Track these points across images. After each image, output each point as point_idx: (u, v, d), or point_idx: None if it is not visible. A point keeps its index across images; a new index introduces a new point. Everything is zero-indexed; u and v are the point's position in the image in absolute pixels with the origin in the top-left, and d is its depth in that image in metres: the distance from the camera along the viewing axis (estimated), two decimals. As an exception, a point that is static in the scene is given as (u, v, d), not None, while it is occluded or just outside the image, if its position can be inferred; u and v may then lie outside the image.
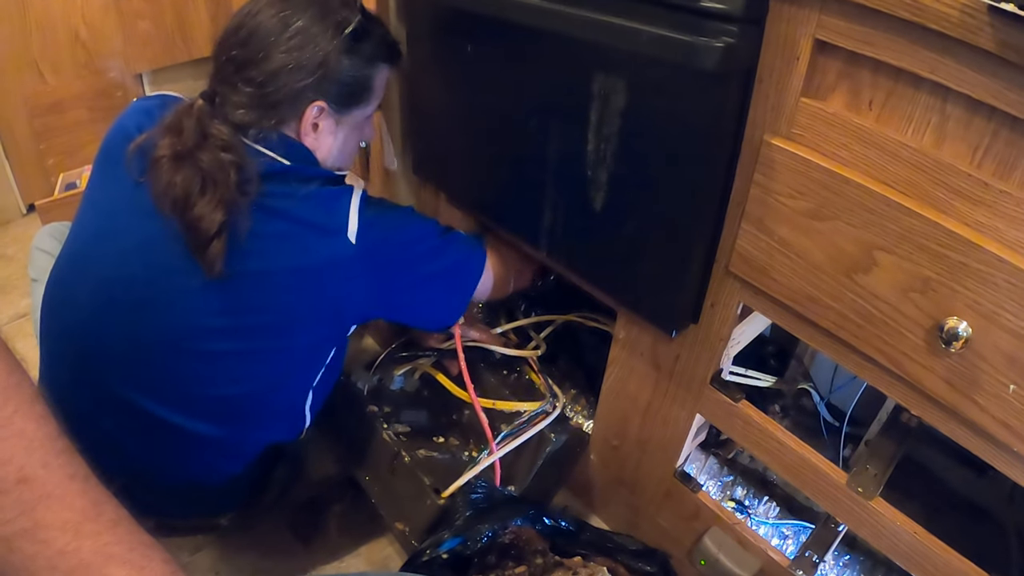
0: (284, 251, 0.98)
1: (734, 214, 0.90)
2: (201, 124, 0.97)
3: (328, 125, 1.06)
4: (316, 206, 1.00)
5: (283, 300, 1.00)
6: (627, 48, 0.84)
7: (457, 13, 1.09)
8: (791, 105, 0.79)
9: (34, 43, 1.98)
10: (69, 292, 1.06)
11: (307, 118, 1.02)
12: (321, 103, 1.02)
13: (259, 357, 1.03)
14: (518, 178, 1.13)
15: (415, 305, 1.14)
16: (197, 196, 0.93)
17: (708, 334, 1.02)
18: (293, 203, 0.99)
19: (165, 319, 0.99)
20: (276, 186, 0.98)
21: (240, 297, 0.98)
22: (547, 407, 1.28)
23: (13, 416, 0.54)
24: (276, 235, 0.98)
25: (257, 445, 1.15)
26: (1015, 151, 0.66)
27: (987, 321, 0.70)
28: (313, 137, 1.05)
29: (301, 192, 1.00)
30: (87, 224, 1.08)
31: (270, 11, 0.99)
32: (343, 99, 1.06)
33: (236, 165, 0.95)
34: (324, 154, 1.08)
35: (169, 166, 0.95)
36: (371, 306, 1.08)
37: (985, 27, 0.61)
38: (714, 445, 1.29)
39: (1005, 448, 0.75)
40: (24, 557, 0.52)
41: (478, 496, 1.12)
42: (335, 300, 1.03)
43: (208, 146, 0.95)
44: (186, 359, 1.01)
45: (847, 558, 1.15)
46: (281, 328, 1.02)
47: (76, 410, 1.03)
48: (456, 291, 1.18)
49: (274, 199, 0.98)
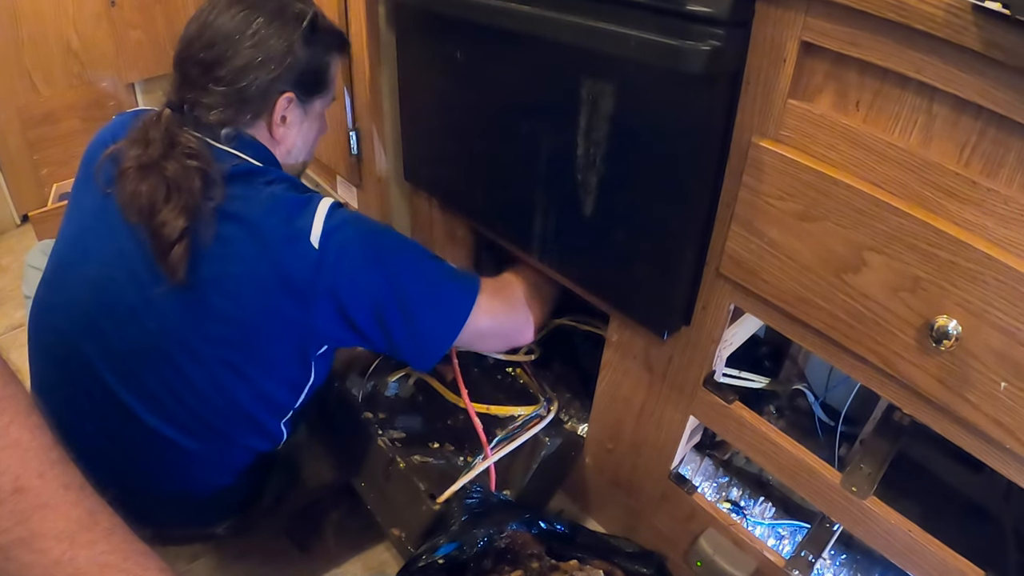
0: (244, 255, 0.96)
1: (724, 216, 0.91)
2: (168, 133, 0.97)
3: (295, 116, 1.08)
4: (279, 208, 0.98)
5: (245, 306, 0.97)
6: (615, 52, 0.84)
7: (446, 20, 1.10)
8: (778, 107, 0.80)
9: (26, 54, 1.99)
10: (50, 304, 1.07)
11: (277, 110, 1.04)
12: (290, 94, 1.04)
13: (227, 369, 1.01)
14: (509, 183, 1.13)
15: (389, 327, 1.03)
16: (162, 204, 0.94)
17: (700, 336, 1.02)
18: (255, 206, 0.97)
19: (138, 328, 0.99)
20: (239, 188, 0.98)
21: (205, 305, 0.97)
22: (541, 411, 1.28)
23: (8, 427, 0.54)
24: (236, 239, 0.96)
25: (239, 457, 1.14)
26: (1002, 149, 0.66)
27: (977, 319, 0.70)
28: (282, 130, 1.07)
29: (264, 193, 0.99)
30: (65, 237, 1.09)
31: (229, 12, 1.00)
32: (307, 88, 1.08)
33: (201, 171, 0.95)
34: (289, 145, 1.10)
35: (135, 176, 0.96)
36: (338, 322, 1.01)
37: (970, 26, 0.61)
38: (709, 447, 1.29)
39: (997, 445, 0.75)
40: (20, 567, 0.53)
41: (473, 501, 1.12)
42: (299, 310, 0.98)
43: (175, 154, 0.96)
44: (160, 369, 1.00)
45: (843, 557, 1.15)
46: (246, 338, 1.00)
47: (67, 420, 1.03)
48: (439, 318, 1.08)
49: (237, 202, 0.97)
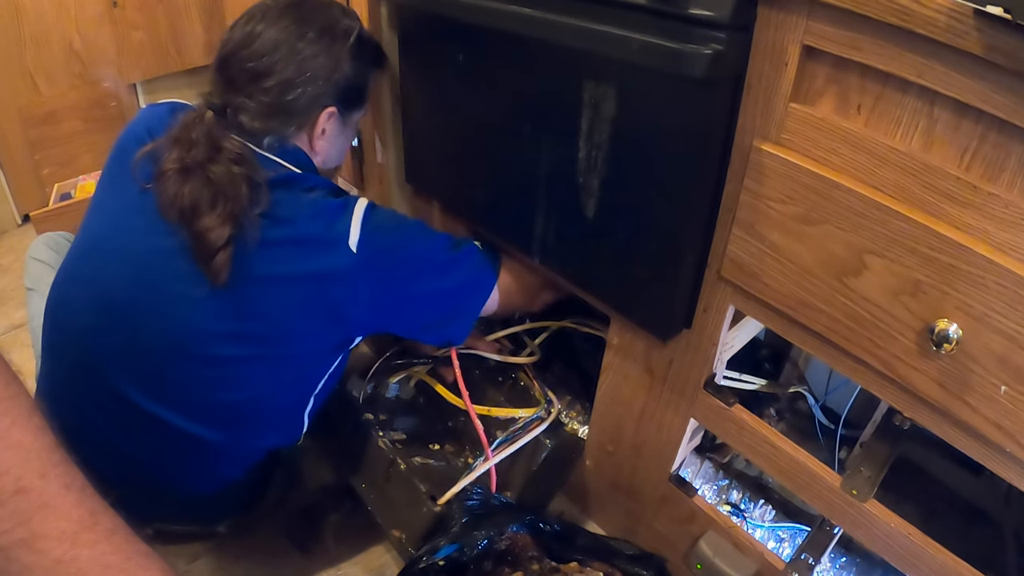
0: (286, 259, 0.99)
1: (725, 219, 0.91)
2: (211, 136, 0.98)
3: (334, 129, 1.11)
4: (319, 214, 1.01)
5: (284, 308, 1.00)
6: (616, 56, 0.84)
7: (448, 22, 1.10)
8: (780, 110, 0.80)
9: (28, 54, 1.99)
10: (72, 294, 1.07)
11: (319, 123, 1.07)
12: (332, 108, 1.07)
13: (261, 363, 1.04)
14: (510, 185, 1.14)
15: (419, 320, 1.13)
16: (207, 208, 0.95)
17: (701, 339, 1.02)
18: (297, 211, 1.00)
19: (167, 324, 1.00)
20: (281, 194, 1.00)
21: (242, 304, 0.99)
22: (542, 413, 1.28)
23: (10, 428, 0.54)
24: (278, 242, 0.98)
25: (256, 450, 1.16)
26: (1003, 153, 0.66)
27: (977, 323, 0.71)
28: (321, 142, 1.11)
29: (305, 200, 1.01)
30: (93, 228, 1.09)
31: (280, 24, 1.01)
32: (349, 103, 1.11)
33: (247, 178, 0.97)
34: (324, 156, 1.14)
35: (176, 177, 0.97)
36: (373, 318, 1.08)
37: (972, 31, 0.61)
38: (709, 449, 1.29)
39: (998, 449, 0.75)
40: (22, 567, 0.53)
41: (474, 503, 1.12)
42: (336, 310, 1.03)
43: (220, 159, 0.97)
44: (188, 363, 1.01)
45: (843, 560, 1.15)
46: (282, 335, 1.03)
47: (77, 415, 1.04)
48: (462, 310, 1.16)
49: (279, 207, 0.99)
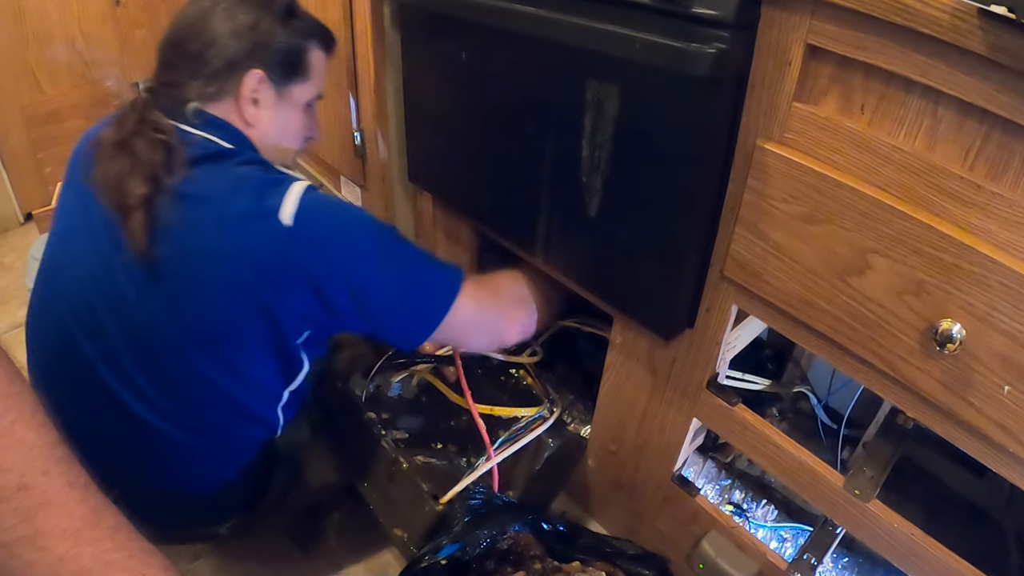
0: (207, 233, 0.95)
1: (728, 219, 0.91)
2: (139, 113, 0.99)
3: (267, 98, 1.07)
4: (246, 187, 0.96)
5: (216, 292, 0.96)
6: (620, 55, 0.84)
7: (451, 21, 1.10)
8: (784, 110, 0.80)
9: (31, 53, 1.99)
10: (46, 300, 1.08)
11: (246, 87, 1.03)
12: (259, 71, 1.03)
13: (211, 361, 1.00)
14: (513, 184, 1.14)
15: (368, 308, 1.00)
16: (127, 175, 0.95)
17: (704, 338, 1.02)
18: (220, 185, 0.97)
19: (124, 322, 0.99)
20: (208, 170, 0.98)
21: (177, 292, 0.97)
22: (544, 412, 1.28)
23: (13, 425, 0.55)
24: (199, 218, 0.95)
25: (240, 449, 1.13)
26: (1007, 153, 0.66)
27: (981, 323, 0.70)
28: (254, 111, 1.05)
29: (232, 173, 0.98)
30: (55, 234, 1.11)
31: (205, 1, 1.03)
32: (280, 69, 1.06)
33: (165, 145, 0.96)
34: (265, 130, 1.08)
35: (107, 156, 0.98)
36: (308, 308, 0.98)
37: (975, 30, 0.61)
38: (712, 449, 1.29)
39: (1000, 449, 0.75)
40: (24, 564, 0.53)
41: (476, 502, 1.12)
42: (270, 292, 0.95)
43: (143, 130, 0.97)
44: (148, 364, 1.00)
45: (846, 560, 1.15)
46: (223, 328, 0.99)
47: (67, 419, 1.03)
48: (417, 302, 1.04)
49: (204, 182, 0.96)
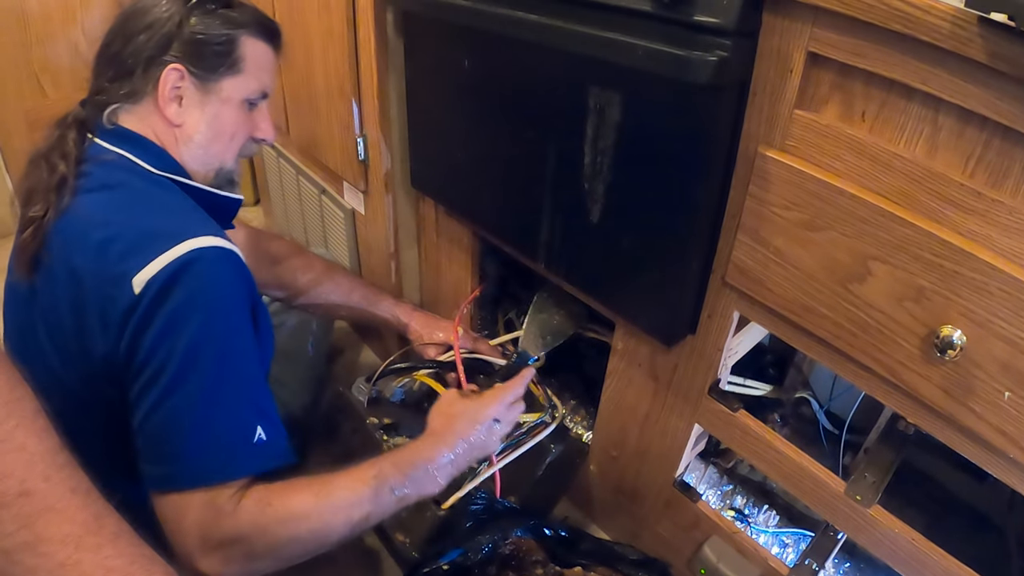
0: (66, 273, 0.88)
1: (730, 225, 0.91)
2: (62, 128, 0.98)
3: (192, 95, 0.98)
4: (121, 239, 0.86)
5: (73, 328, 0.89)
6: (622, 62, 0.84)
7: (454, 28, 1.10)
8: (785, 117, 0.80)
9: (35, 57, 2.00)
10: (8, 332, 1.03)
11: (165, 84, 0.96)
12: (178, 65, 0.96)
13: (108, 410, 0.90)
14: (515, 191, 1.14)
15: (146, 401, 0.83)
16: (32, 192, 0.93)
17: (705, 344, 1.02)
18: (100, 224, 0.88)
19: (54, 376, 0.93)
20: (97, 202, 0.91)
21: (45, 317, 0.93)
22: (546, 418, 1.28)
23: (15, 430, 0.55)
24: (67, 256, 0.88)
25: None
26: (1007, 160, 0.66)
27: (981, 329, 0.71)
28: (176, 109, 0.98)
29: (120, 216, 0.89)
30: None
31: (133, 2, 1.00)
32: (202, 62, 0.98)
33: (64, 156, 0.94)
34: (191, 128, 0.99)
35: (27, 168, 0.96)
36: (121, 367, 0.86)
37: (976, 38, 0.61)
38: (713, 454, 1.29)
39: (1001, 454, 0.75)
40: (25, 570, 0.53)
41: (478, 507, 1.12)
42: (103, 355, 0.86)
43: (56, 148, 0.95)
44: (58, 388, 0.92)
45: (847, 566, 1.15)
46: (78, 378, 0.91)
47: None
48: (201, 437, 0.84)
49: (86, 216, 0.89)
